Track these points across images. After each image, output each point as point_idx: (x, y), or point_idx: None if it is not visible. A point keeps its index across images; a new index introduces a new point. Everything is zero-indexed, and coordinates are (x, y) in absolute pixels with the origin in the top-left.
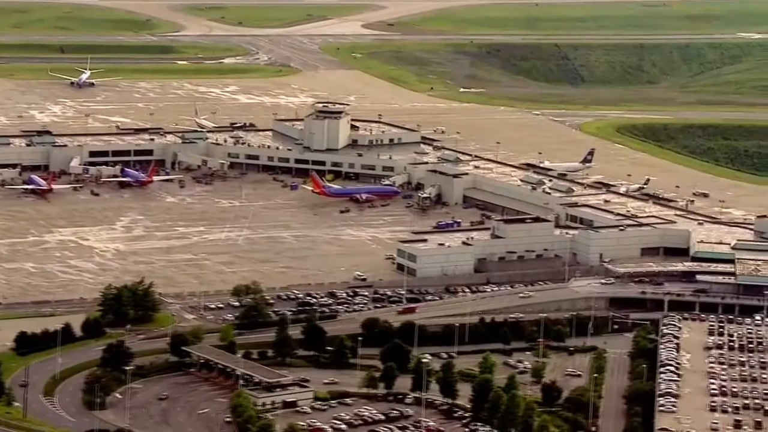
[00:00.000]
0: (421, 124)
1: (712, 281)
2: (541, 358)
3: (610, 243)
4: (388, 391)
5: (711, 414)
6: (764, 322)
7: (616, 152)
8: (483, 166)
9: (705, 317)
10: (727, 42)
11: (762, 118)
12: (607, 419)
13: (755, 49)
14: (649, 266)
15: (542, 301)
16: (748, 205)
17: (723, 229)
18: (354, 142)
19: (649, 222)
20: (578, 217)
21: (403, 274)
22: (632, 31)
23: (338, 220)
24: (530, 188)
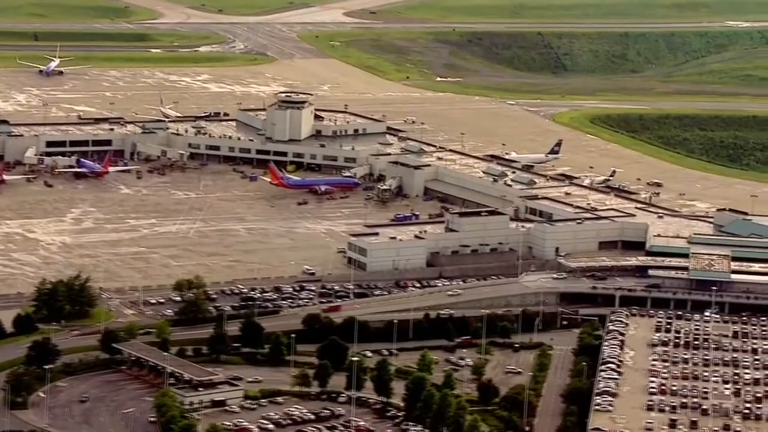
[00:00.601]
0: (394, 113)
1: (665, 276)
2: (483, 355)
3: (566, 237)
4: (322, 389)
5: (648, 413)
6: (713, 318)
7: (586, 143)
8: (447, 157)
9: (654, 313)
10: (714, 30)
11: (739, 108)
12: (544, 418)
13: (742, 37)
14: (602, 261)
15: (491, 296)
16: (715, 197)
17: (683, 222)
18: (318, 132)
19: (608, 215)
20: (537, 210)
21: (354, 268)
22: (618, 19)
23: (295, 213)
24: (492, 180)
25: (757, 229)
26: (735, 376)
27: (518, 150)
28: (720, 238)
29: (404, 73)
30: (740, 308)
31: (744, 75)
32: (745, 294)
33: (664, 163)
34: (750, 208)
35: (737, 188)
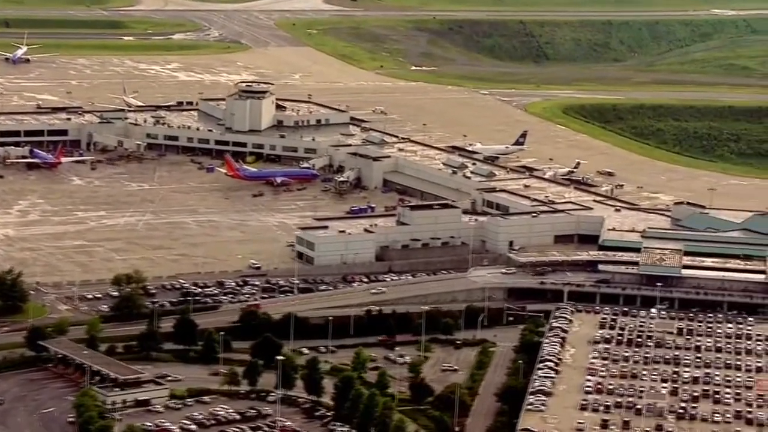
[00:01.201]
0: (363, 103)
1: (615, 271)
2: (422, 352)
3: (521, 230)
4: (252, 388)
5: (581, 413)
6: (659, 314)
7: (555, 134)
8: (408, 148)
9: (600, 309)
10: (699, 19)
11: (716, 98)
12: (477, 418)
13: (727, 26)
14: (553, 255)
15: (437, 291)
16: (678, 190)
17: (640, 216)
18: (279, 123)
19: (564, 208)
20: (494, 203)
21: (302, 262)
22: (601, 7)
23: (249, 205)
24: (451, 172)
25: (714, 222)
26: (674, 374)
27: (485, 141)
28: (674, 232)
29: (379, 61)
30: (690, 304)
31: (727, 64)
32: (695, 290)
33: (632, 154)
34: (708, 201)
35: (702, 180)
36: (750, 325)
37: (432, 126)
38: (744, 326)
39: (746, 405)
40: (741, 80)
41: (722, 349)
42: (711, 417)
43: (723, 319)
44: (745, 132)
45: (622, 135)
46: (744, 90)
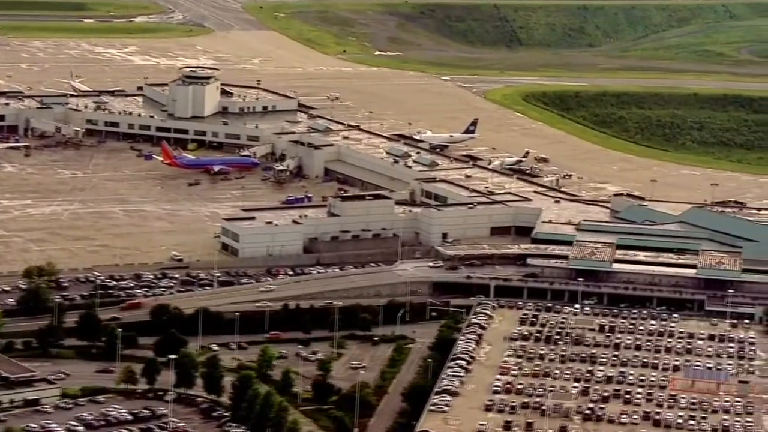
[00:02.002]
0: (319, 89)
1: (544, 265)
2: (336, 349)
3: (456, 222)
4: (150, 387)
5: (485, 414)
6: (582, 310)
7: (511, 122)
8: (354, 136)
9: (522, 304)
10: (677, 3)
11: (682, 85)
12: (382, 419)
13: (705, 11)
14: (483, 248)
15: (359, 285)
16: (627, 180)
17: (580, 207)
18: (224, 109)
19: (502, 200)
20: (433, 194)
21: (227, 254)
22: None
23: (183, 194)
24: (392, 161)
25: (652, 215)
26: (588, 373)
27: (438, 129)
28: (609, 225)
29: (343, 46)
30: (619, 299)
31: (701, 50)
32: (624, 284)
33: (586, 143)
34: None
35: (654, 171)
36: (674, 322)
37: (386, 113)
38: (668, 323)
39: (657, 405)
40: (711, 67)
41: (641, 347)
42: (618, 418)
43: (647, 316)
44: (708, 120)
45: (581, 123)
46: (712, 77)
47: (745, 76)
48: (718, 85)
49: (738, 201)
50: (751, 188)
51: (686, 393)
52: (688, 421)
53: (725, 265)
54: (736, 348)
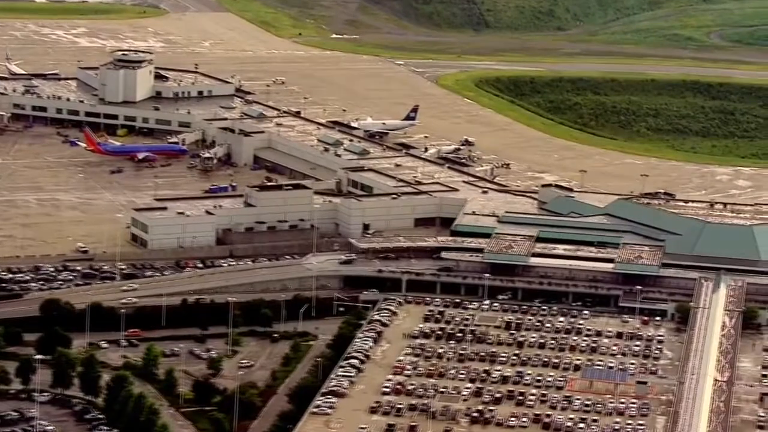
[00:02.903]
0: (267, 73)
1: (459, 259)
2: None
3: (378, 213)
4: (24, 387)
5: (370, 416)
6: (492, 306)
7: (459, 108)
8: (287, 123)
9: (430, 300)
10: None
11: (640, 71)
12: (267, 421)
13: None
14: (397, 241)
15: (266, 279)
16: (567, 169)
17: (508, 198)
18: (157, 94)
19: (428, 190)
20: (359, 183)
21: (137, 245)
22: None
23: (102, 182)
24: (323, 149)
25: (578, 207)
26: (485, 373)
27: (382, 115)
28: (530, 217)
29: (300, 29)
30: (535, 294)
31: (671, 34)
32: (540, 279)
33: (532, 130)
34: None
35: (596, 159)
36: (584, 319)
37: (330, 98)
38: (577, 320)
39: (550, 407)
40: (676, 52)
41: (545, 345)
42: (506, 421)
43: (558, 312)
44: (665, 107)
45: (531, 110)
46: (674, 62)
47: (707, 62)
48: (678, 71)
49: (667, 192)
50: (693, 178)
51: (583, 394)
52: (578, 424)
53: (644, 259)
54: (642, 346)
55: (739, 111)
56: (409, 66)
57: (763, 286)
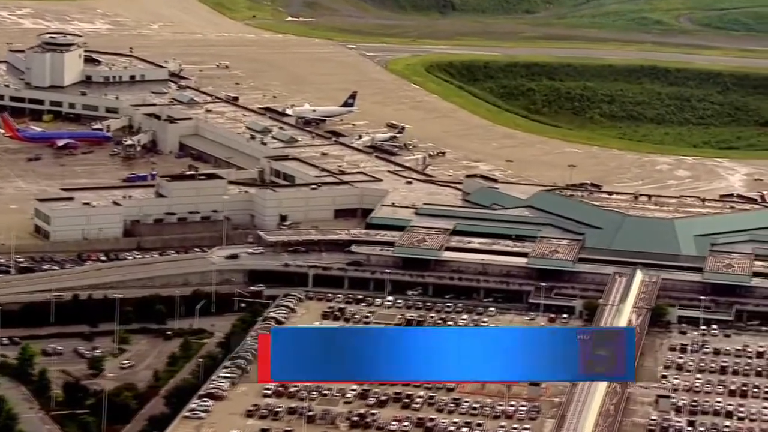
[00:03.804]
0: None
1: (369, 252)
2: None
3: (296, 204)
4: None
5: (245, 420)
6: (395, 303)
7: (404, 94)
8: (218, 109)
9: (332, 296)
10: None
11: (598, 56)
12: (141, 425)
13: None
14: (308, 233)
15: (166, 273)
16: (503, 158)
17: (432, 188)
18: (87, 78)
19: (350, 180)
20: (282, 172)
21: (39, 237)
22: None
23: (17, 170)
24: (249, 137)
25: (500, 198)
26: None
27: (324, 101)
28: (448, 210)
29: (255, 11)
30: (445, 290)
31: (639, 18)
32: (451, 274)
33: (475, 117)
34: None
35: (536, 148)
36: (489, 316)
37: (273, 84)
38: (482, 317)
39: (437, 410)
40: (639, 36)
41: None
42: (388, 424)
43: (463, 309)
44: (620, 93)
45: (479, 96)
46: (635, 47)
47: (669, 46)
48: (638, 56)
49: (594, 184)
50: (632, 167)
51: (473, 396)
52: (461, 428)
53: (559, 254)
54: None
55: (695, 97)
56: (360, 50)
57: (679, 282)
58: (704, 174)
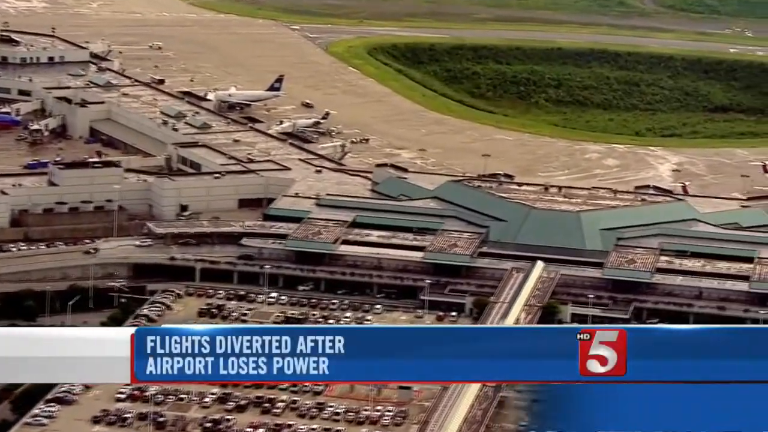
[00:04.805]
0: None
1: (261, 246)
2: None
3: (197, 193)
4: None
5: (92, 427)
6: (278, 299)
7: (339, 78)
8: (135, 92)
9: (213, 292)
10: None
11: (548, 39)
12: None
13: None
14: (201, 225)
15: (44, 267)
16: (428, 145)
17: (342, 178)
18: (3, 59)
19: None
20: (189, 160)
21: None
22: None
23: None
24: (161, 122)
25: (407, 189)
26: None
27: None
28: (350, 200)
29: None
30: (338, 285)
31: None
32: (343, 269)
33: (409, 102)
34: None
35: (465, 134)
36: (375, 314)
37: (205, 66)
38: (367, 315)
39: (298, 416)
40: (595, 18)
41: None
42: (243, 431)
43: (348, 306)
44: (568, 77)
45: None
46: (589, 30)
47: (624, 29)
48: (589, 39)
49: (507, 174)
50: (561, 156)
51: (341, 400)
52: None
53: (458, 248)
54: None
55: (644, 82)
56: (304, 31)
57: (579, 278)
58: (633, 163)
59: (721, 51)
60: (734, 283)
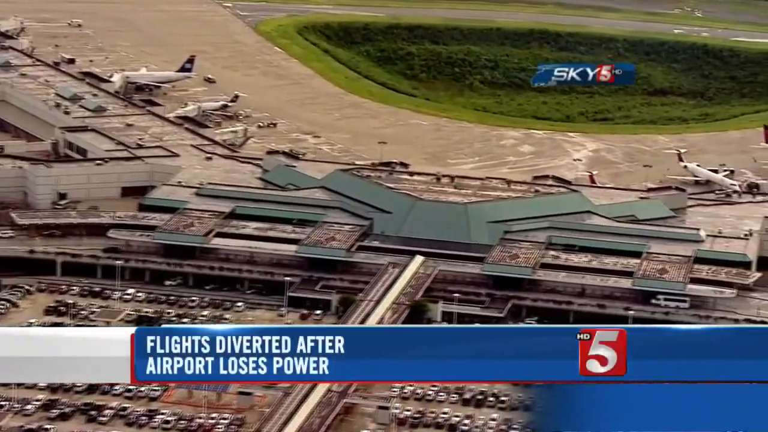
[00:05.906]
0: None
1: (128, 238)
2: None
3: (76, 180)
4: None
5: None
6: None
7: (261, 59)
8: (34, 73)
9: (66, 288)
10: None
11: (488, 18)
12: None
13: None
14: (68, 216)
15: None
16: (340, 130)
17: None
18: None
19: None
20: (76, 145)
21: None
22: None
23: None
24: (54, 104)
25: (296, 178)
26: None
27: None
28: (230, 190)
29: None
30: (207, 280)
31: None
32: (212, 264)
33: (329, 85)
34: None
35: (381, 119)
36: (237, 312)
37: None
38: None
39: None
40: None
41: None
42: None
43: (209, 303)
44: (505, 58)
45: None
46: (535, 9)
47: (570, 8)
48: (531, 19)
49: (403, 162)
50: (475, 142)
51: (176, 406)
52: None
53: (335, 241)
54: None
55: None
56: (236, 9)
57: (460, 274)
58: (549, 150)
59: (665, 32)
60: (617, 279)
